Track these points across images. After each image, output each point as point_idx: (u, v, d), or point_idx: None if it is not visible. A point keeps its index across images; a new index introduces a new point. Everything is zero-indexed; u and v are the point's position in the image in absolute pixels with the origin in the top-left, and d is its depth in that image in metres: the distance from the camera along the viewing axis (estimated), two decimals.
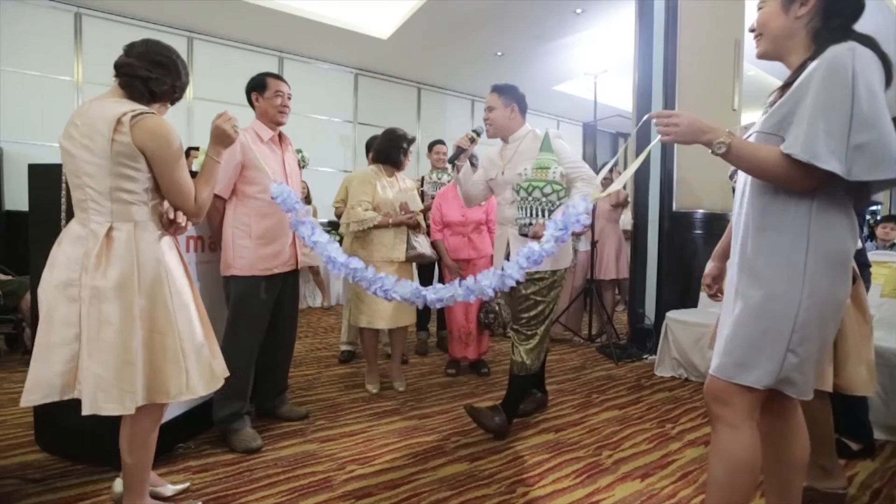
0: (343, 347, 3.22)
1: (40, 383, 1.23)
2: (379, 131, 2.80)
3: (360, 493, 1.59)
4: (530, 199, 1.91)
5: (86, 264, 1.22)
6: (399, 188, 2.59)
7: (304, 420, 2.17)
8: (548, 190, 1.90)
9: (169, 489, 1.55)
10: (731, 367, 1.06)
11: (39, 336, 1.25)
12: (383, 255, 2.49)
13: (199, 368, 1.31)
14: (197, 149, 4.51)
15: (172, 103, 1.43)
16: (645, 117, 1.30)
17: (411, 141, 2.63)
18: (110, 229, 1.24)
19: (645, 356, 3.36)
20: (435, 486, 1.65)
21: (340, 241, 2.55)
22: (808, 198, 1.00)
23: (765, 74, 6.22)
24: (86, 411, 1.21)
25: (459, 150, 2.04)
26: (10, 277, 3.15)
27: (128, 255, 1.23)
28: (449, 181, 3.42)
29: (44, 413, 1.82)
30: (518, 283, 1.84)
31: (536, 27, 5.17)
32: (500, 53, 5.92)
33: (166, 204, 1.37)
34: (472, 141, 2.04)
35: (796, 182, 0.99)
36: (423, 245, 2.59)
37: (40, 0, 4.68)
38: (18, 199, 4.58)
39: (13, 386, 2.57)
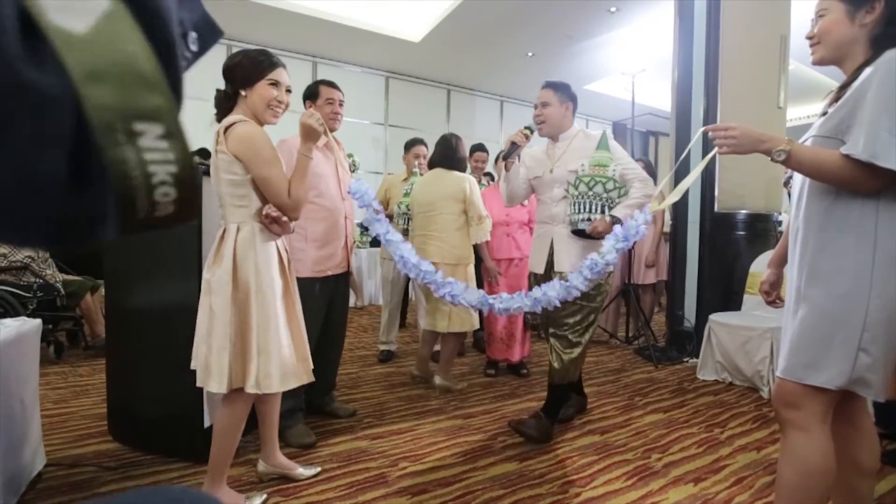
0: (382, 347, 3.29)
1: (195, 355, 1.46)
2: (409, 133, 2.84)
3: (416, 490, 1.64)
4: (590, 193, 1.88)
5: (209, 260, 1.41)
6: None
7: (352, 417, 2.24)
8: (609, 186, 1.89)
9: (301, 472, 1.68)
10: (800, 369, 1.06)
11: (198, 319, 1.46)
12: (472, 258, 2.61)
13: (277, 366, 1.41)
14: None
15: (245, 88, 1.43)
16: (700, 130, 1.31)
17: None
18: (224, 231, 1.41)
19: (685, 359, 3.30)
20: (487, 484, 1.68)
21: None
22: (873, 198, 1.01)
23: (805, 68, 6.02)
24: (198, 384, 1.40)
25: (514, 147, 1.99)
26: (73, 278, 3.34)
27: (229, 253, 1.39)
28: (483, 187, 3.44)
29: (118, 406, 1.94)
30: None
31: (569, 27, 5.14)
32: (531, 54, 5.91)
33: (269, 205, 1.48)
34: (527, 138, 2.01)
35: (861, 183, 1.00)
36: None
37: None
38: None
39: (78, 379, 2.73)
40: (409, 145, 3.31)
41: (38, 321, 1.65)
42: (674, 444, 2.03)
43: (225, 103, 1.45)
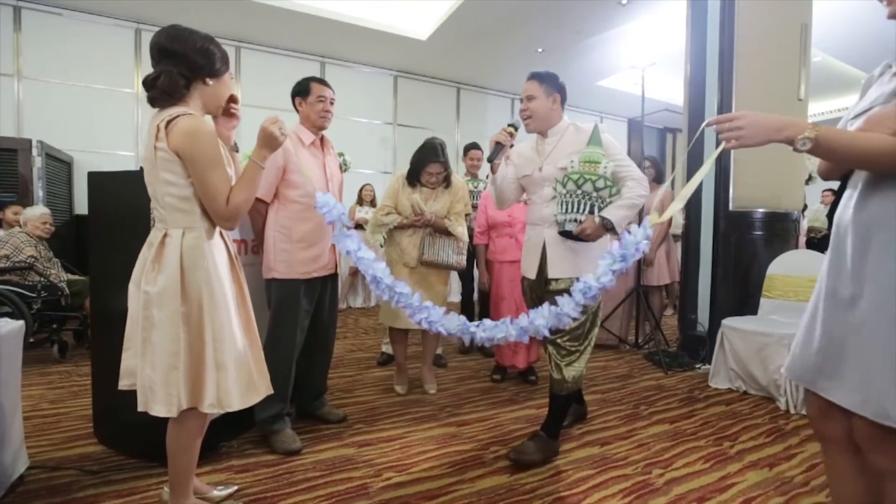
0: (384, 349, 3.23)
1: (128, 371, 1.31)
2: (418, 132, 2.79)
3: (397, 503, 1.56)
4: (579, 192, 1.72)
5: (146, 269, 1.27)
6: (422, 192, 2.55)
7: (343, 423, 2.18)
8: (601, 185, 1.72)
9: (216, 494, 1.56)
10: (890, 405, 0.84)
11: (126, 328, 1.32)
12: (395, 257, 2.54)
13: (236, 381, 1.29)
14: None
15: (213, 77, 1.31)
16: (702, 126, 1.17)
17: (438, 155, 2.47)
18: (164, 236, 1.27)
19: (697, 366, 3.15)
20: (473, 498, 1.59)
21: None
22: None
23: (832, 60, 5.71)
24: (139, 408, 1.27)
25: (499, 147, 1.82)
26: (78, 277, 3.38)
27: (174, 262, 1.25)
28: (484, 188, 3.35)
29: (102, 408, 1.92)
30: (553, 292, 1.77)
31: (579, 21, 5.00)
32: (540, 50, 5.78)
33: None
34: (511, 136, 1.83)
35: None
36: (440, 252, 2.49)
37: (105, 18, 5.02)
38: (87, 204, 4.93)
39: (79, 380, 2.74)
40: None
41: (21, 323, 1.63)
42: (678, 458, 1.91)
43: (178, 90, 1.26)
